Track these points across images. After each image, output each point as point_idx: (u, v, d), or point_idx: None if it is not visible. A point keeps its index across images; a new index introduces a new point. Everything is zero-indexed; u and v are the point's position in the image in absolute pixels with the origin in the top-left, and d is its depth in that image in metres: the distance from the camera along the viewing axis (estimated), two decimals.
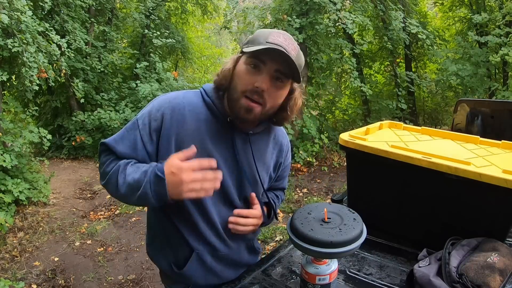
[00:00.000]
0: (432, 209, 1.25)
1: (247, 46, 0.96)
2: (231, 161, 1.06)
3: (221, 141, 1.04)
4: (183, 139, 1.00)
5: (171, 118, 1.01)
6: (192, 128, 1.02)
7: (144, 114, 1.03)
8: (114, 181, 0.98)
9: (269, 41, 0.93)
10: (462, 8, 7.30)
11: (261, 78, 0.95)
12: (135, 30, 7.85)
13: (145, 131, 1.01)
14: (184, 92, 1.08)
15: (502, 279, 0.97)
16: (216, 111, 1.03)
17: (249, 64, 0.96)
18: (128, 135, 1.03)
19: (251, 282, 1.13)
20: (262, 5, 6.61)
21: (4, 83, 4.06)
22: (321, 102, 7.12)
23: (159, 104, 1.03)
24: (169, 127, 1.01)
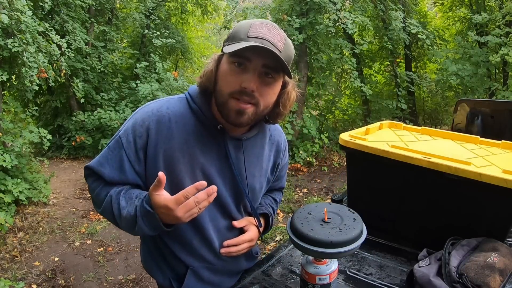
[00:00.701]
0: (432, 209, 1.25)
1: (227, 43, 0.86)
2: (226, 171, 1.00)
3: (213, 151, 0.97)
4: (171, 154, 0.93)
5: (156, 133, 0.93)
6: (180, 141, 0.94)
7: (127, 130, 0.94)
8: (110, 215, 0.94)
9: (250, 35, 0.84)
10: (462, 8, 7.30)
11: (248, 77, 0.85)
12: (135, 30, 7.85)
13: (131, 150, 0.93)
14: (167, 101, 0.98)
15: (502, 279, 0.97)
16: (205, 119, 0.95)
17: (233, 63, 0.86)
18: (113, 155, 0.94)
19: (251, 282, 1.13)
20: (262, 5, 6.62)
21: (4, 83, 4.05)
22: (321, 102, 7.13)
23: (142, 117, 0.94)
24: (155, 143, 0.93)
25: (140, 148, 0.93)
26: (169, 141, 0.93)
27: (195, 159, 0.95)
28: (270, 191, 1.27)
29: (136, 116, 0.96)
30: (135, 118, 0.95)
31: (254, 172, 1.05)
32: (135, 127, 0.94)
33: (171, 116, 0.94)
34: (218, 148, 0.98)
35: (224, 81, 0.88)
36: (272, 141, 1.11)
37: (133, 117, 0.96)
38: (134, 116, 0.96)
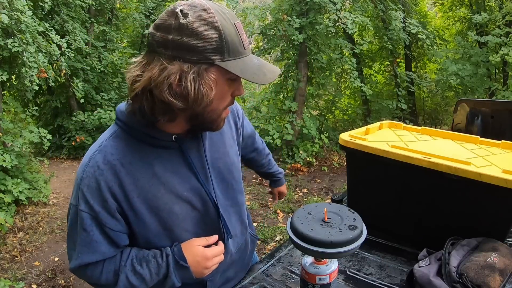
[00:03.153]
0: (432, 209, 1.25)
1: (223, 57, 0.73)
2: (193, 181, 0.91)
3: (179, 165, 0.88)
4: (147, 196, 0.83)
5: (120, 186, 0.81)
6: (148, 178, 0.83)
7: (86, 200, 0.80)
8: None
9: (245, 47, 0.77)
10: (462, 8, 7.30)
11: (238, 85, 0.81)
12: (135, 30, 7.86)
13: (106, 218, 0.81)
14: (104, 146, 0.83)
15: (502, 279, 0.97)
16: (157, 140, 0.84)
17: (232, 79, 0.79)
18: (94, 232, 0.82)
19: (251, 282, 1.13)
20: (262, 5, 6.61)
21: (4, 83, 4.05)
22: (321, 102, 7.13)
23: (95, 180, 0.80)
24: (125, 197, 0.82)
25: (113, 211, 0.82)
26: (136, 186, 0.82)
27: (170, 184, 0.86)
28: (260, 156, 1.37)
29: (85, 182, 0.81)
30: (86, 185, 0.80)
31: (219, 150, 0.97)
32: (93, 194, 0.80)
33: (121, 160, 0.82)
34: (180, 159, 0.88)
35: (221, 98, 0.80)
36: None
37: (83, 185, 0.81)
38: (84, 183, 0.81)
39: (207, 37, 0.71)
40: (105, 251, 0.84)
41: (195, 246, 0.89)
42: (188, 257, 0.87)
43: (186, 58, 0.72)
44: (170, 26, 0.72)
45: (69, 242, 0.87)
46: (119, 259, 0.86)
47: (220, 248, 0.94)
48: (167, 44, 0.72)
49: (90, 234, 0.82)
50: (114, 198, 0.81)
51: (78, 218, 0.82)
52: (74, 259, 0.84)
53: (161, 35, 0.72)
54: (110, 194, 0.81)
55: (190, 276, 0.88)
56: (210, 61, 0.73)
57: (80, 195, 0.81)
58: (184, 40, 0.71)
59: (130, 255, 0.87)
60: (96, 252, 0.83)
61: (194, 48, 0.71)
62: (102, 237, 0.83)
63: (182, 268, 0.87)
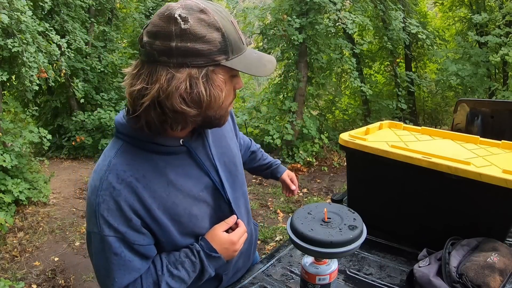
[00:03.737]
0: (432, 209, 1.25)
1: (227, 57, 0.74)
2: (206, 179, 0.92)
3: (191, 168, 0.89)
4: (166, 205, 0.83)
5: (140, 203, 0.80)
6: (164, 188, 0.83)
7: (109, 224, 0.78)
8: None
9: (244, 42, 0.79)
10: (462, 8, 7.30)
11: (238, 79, 0.82)
12: (135, 30, 7.85)
13: (133, 236, 0.80)
14: (114, 164, 0.80)
15: (502, 279, 0.97)
16: (165, 148, 0.83)
17: (234, 75, 0.80)
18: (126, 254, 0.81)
19: (251, 282, 1.13)
20: (262, 5, 6.62)
21: (4, 83, 4.05)
22: (321, 102, 7.13)
23: (113, 203, 0.78)
24: (147, 211, 0.81)
25: (139, 227, 0.81)
26: (155, 198, 0.82)
27: (186, 188, 0.87)
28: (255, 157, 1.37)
29: (104, 207, 0.78)
30: (107, 209, 0.78)
31: (221, 145, 0.99)
32: (116, 216, 0.78)
33: (135, 176, 0.80)
34: (190, 161, 0.89)
35: (228, 96, 0.81)
36: None
37: (102, 209, 0.78)
38: (102, 208, 0.78)
39: (211, 39, 0.71)
40: (139, 267, 0.83)
41: (219, 234, 0.92)
42: (217, 246, 0.90)
43: (193, 64, 0.71)
44: (171, 32, 0.69)
45: (99, 271, 0.84)
46: (155, 270, 0.85)
47: (242, 228, 0.97)
48: (171, 52, 0.70)
49: (121, 256, 0.80)
50: (137, 215, 0.80)
51: (105, 244, 0.79)
52: (111, 285, 0.82)
53: (161, 43, 0.70)
54: (132, 212, 0.79)
55: (223, 263, 0.93)
56: (216, 62, 0.72)
57: (101, 220, 0.78)
58: (188, 46, 0.69)
59: (164, 262, 0.86)
60: (133, 271, 0.82)
61: (200, 52, 0.70)
62: (133, 255, 0.82)
63: (215, 258, 0.90)
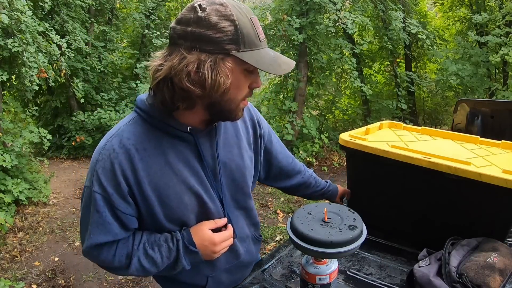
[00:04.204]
0: (432, 209, 1.25)
1: (238, 48, 0.77)
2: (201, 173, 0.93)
3: (191, 157, 0.90)
4: (158, 183, 0.85)
5: (132, 171, 0.83)
6: (160, 165, 0.85)
7: (100, 182, 0.82)
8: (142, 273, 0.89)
9: (261, 40, 0.81)
10: (462, 8, 7.30)
11: (256, 77, 0.84)
12: (135, 30, 7.85)
13: (118, 201, 0.84)
14: (122, 130, 0.85)
15: (502, 279, 0.97)
16: (172, 129, 0.86)
17: (248, 71, 0.82)
18: (106, 214, 0.84)
19: (251, 282, 1.13)
20: (262, 5, 6.61)
21: (4, 83, 4.05)
22: (321, 102, 7.13)
23: (110, 162, 0.82)
24: (137, 181, 0.84)
25: (125, 194, 0.84)
26: (150, 172, 0.84)
27: (183, 174, 0.88)
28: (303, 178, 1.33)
29: (100, 164, 0.83)
30: (102, 167, 0.83)
31: (232, 151, 0.99)
32: (107, 176, 0.82)
33: (137, 146, 0.84)
34: (193, 151, 0.90)
35: (239, 88, 0.83)
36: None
37: (98, 167, 0.83)
38: (99, 166, 0.83)
39: (224, 29, 0.76)
40: (116, 232, 0.86)
41: (203, 230, 0.92)
42: (197, 241, 0.90)
43: (204, 49, 0.76)
44: (190, 19, 0.77)
45: (82, 225, 0.89)
46: (132, 243, 0.88)
47: (229, 232, 0.96)
48: (186, 36, 0.77)
49: (102, 215, 0.84)
50: (126, 182, 0.83)
51: (92, 200, 0.84)
52: (86, 239, 0.86)
53: (181, 28, 0.78)
54: (123, 177, 0.83)
55: (200, 259, 0.92)
56: (226, 51, 0.77)
57: (95, 176, 0.83)
58: (202, 32, 0.75)
59: (143, 239, 0.89)
60: (108, 233, 0.85)
61: (211, 39, 0.76)
62: (113, 219, 0.85)
63: (192, 252, 0.90)
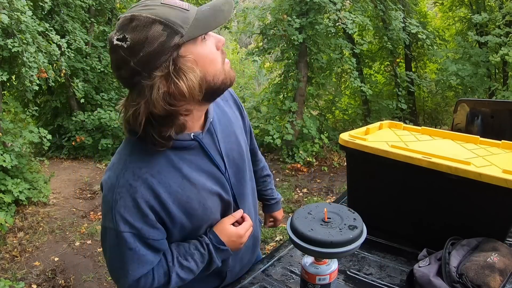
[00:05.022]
0: (432, 209, 1.25)
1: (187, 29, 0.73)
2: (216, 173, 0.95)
3: (202, 163, 0.91)
4: (181, 199, 0.85)
5: (155, 198, 0.82)
6: (178, 182, 0.85)
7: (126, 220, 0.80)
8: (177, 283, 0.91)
9: (184, 7, 0.76)
10: (462, 8, 7.30)
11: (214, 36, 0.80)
12: None
13: (149, 231, 0.83)
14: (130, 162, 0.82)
15: (502, 279, 0.97)
16: (178, 142, 0.84)
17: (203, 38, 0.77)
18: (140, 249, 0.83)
19: (251, 282, 1.13)
20: (262, 5, 6.61)
21: (4, 83, 4.06)
22: (321, 102, 7.13)
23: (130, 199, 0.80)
24: (162, 206, 0.83)
25: (154, 223, 0.83)
26: (170, 193, 0.84)
27: (201, 182, 0.89)
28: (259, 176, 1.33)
29: (121, 204, 0.80)
30: (124, 206, 0.80)
31: (231, 141, 1.00)
32: (132, 212, 0.80)
33: (151, 172, 0.82)
34: (202, 155, 0.91)
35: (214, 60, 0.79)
36: (225, 99, 1.05)
37: (118, 207, 0.80)
38: (119, 205, 0.80)
39: (156, 35, 0.71)
40: (152, 260, 0.87)
41: (226, 227, 0.96)
42: (224, 239, 0.94)
43: (158, 64, 0.73)
44: (123, 58, 0.72)
45: (113, 264, 0.87)
46: (166, 261, 0.89)
47: (248, 222, 1.02)
48: (135, 71, 0.73)
49: (136, 251, 0.83)
50: (153, 211, 0.82)
51: (121, 240, 0.81)
52: (125, 277, 0.85)
53: (125, 70, 0.74)
54: (149, 207, 0.81)
55: (230, 255, 0.98)
56: (176, 46, 0.73)
57: (118, 217, 0.80)
58: (142, 56, 0.71)
59: (174, 254, 0.90)
60: (146, 264, 0.85)
61: (156, 52, 0.72)
62: (146, 249, 0.84)
63: (223, 251, 0.95)
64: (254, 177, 1.22)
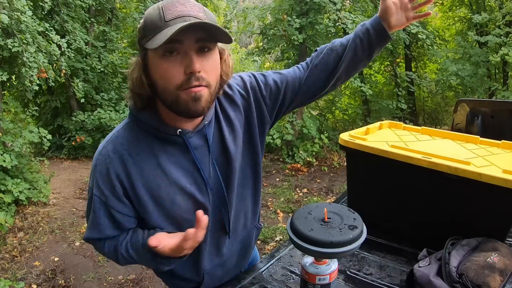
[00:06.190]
0: (432, 209, 1.25)
1: (147, 39, 0.78)
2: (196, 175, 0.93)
3: (182, 159, 0.92)
4: (151, 185, 0.89)
5: (126, 175, 0.88)
6: (153, 168, 0.89)
7: (98, 185, 0.89)
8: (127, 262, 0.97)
9: (168, 19, 0.75)
10: (462, 8, 7.30)
11: (188, 60, 0.77)
12: (135, 30, 7.84)
13: (114, 202, 0.89)
14: (116, 136, 0.90)
15: (502, 279, 0.97)
16: (161, 133, 0.88)
17: (164, 55, 0.77)
18: (101, 214, 0.91)
19: (251, 282, 1.13)
20: (262, 5, 6.62)
21: (4, 83, 4.06)
22: (321, 102, 7.12)
23: (106, 167, 0.88)
24: (131, 184, 0.88)
25: (121, 196, 0.89)
26: (143, 175, 0.88)
27: (174, 176, 0.90)
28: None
29: (98, 169, 0.89)
30: (99, 172, 0.88)
31: (227, 147, 0.97)
32: (104, 180, 0.88)
33: (129, 150, 0.88)
34: (185, 153, 0.91)
35: (165, 78, 0.79)
36: (232, 99, 1.00)
37: (96, 171, 0.89)
38: (97, 170, 0.89)
39: (139, 29, 0.82)
40: (107, 233, 0.93)
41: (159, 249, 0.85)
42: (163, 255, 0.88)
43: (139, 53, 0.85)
44: None
45: (87, 217, 0.98)
46: (118, 240, 0.95)
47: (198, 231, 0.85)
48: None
49: (97, 216, 0.91)
50: (121, 185, 0.88)
51: (90, 200, 0.92)
52: (85, 232, 0.97)
53: None
54: (118, 180, 0.88)
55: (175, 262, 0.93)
56: (142, 45, 0.81)
57: (94, 180, 0.90)
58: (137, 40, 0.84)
59: (127, 237, 0.94)
60: (100, 232, 0.93)
61: (137, 42, 0.84)
62: (107, 220, 0.92)
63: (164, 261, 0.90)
64: (331, 52, 1.11)
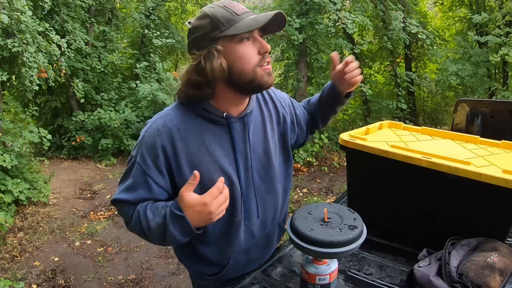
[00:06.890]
0: (432, 209, 1.25)
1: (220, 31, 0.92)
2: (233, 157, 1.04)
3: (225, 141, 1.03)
4: (194, 160, 0.98)
5: (172, 148, 0.96)
6: (197, 145, 0.98)
7: (143, 155, 0.97)
8: (140, 231, 0.98)
9: (239, 14, 0.93)
10: (462, 8, 7.30)
11: (259, 43, 0.95)
12: (135, 30, 7.85)
13: (153, 172, 0.97)
14: (166, 114, 1.01)
15: (502, 279, 0.97)
16: (209, 114, 1.00)
17: (241, 40, 0.93)
18: (137, 182, 0.98)
19: (251, 282, 1.13)
20: (262, 5, 6.62)
21: (4, 83, 4.06)
22: None
23: (153, 139, 0.97)
24: (176, 157, 0.97)
25: (162, 166, 0.97)
26: (187, 150, 0.97)
27: (216, 154, 1.00)
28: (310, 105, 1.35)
29: (145, 140, 0.97)
30: (146, 142, 0.97)
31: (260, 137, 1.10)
32: (149, 150, 0.96)
33: (178, 126, 0.98)
34: (227, 135, 1.02)
35: (243, 59, 0.94)
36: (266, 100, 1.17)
37: (143, 142, 0.98)
38: (144, 141, 0.98)
39: (203, 26, 0.94)
40: (139, 197, 0.98)
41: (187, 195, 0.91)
42: (185, 206, 0.90)
43: (200, 47, 0.94)
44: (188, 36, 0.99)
45: (121, 182, 1.03)
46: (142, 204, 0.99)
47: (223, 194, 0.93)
48: (189, 46, 0.98)
49: (134, 181, 0.98)
50: (165, 156, 0.96)
51: (132, 166, 0.99)
52: (116, 193, 1.01)
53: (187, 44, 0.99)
54: (162, 152, 0.96)
55: (188, 228, 0.92)
56: (214, 37, 0.92)
57: (140, 150, 0.98)
58: (192, 38, 0.96)
59: (149, 204, 0.98)
60: (131, 195, 0.98)
61: (199, 38, 0.94)
62: (142, 187, 0.97)
63: (178, 217, 0.91)
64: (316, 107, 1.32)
